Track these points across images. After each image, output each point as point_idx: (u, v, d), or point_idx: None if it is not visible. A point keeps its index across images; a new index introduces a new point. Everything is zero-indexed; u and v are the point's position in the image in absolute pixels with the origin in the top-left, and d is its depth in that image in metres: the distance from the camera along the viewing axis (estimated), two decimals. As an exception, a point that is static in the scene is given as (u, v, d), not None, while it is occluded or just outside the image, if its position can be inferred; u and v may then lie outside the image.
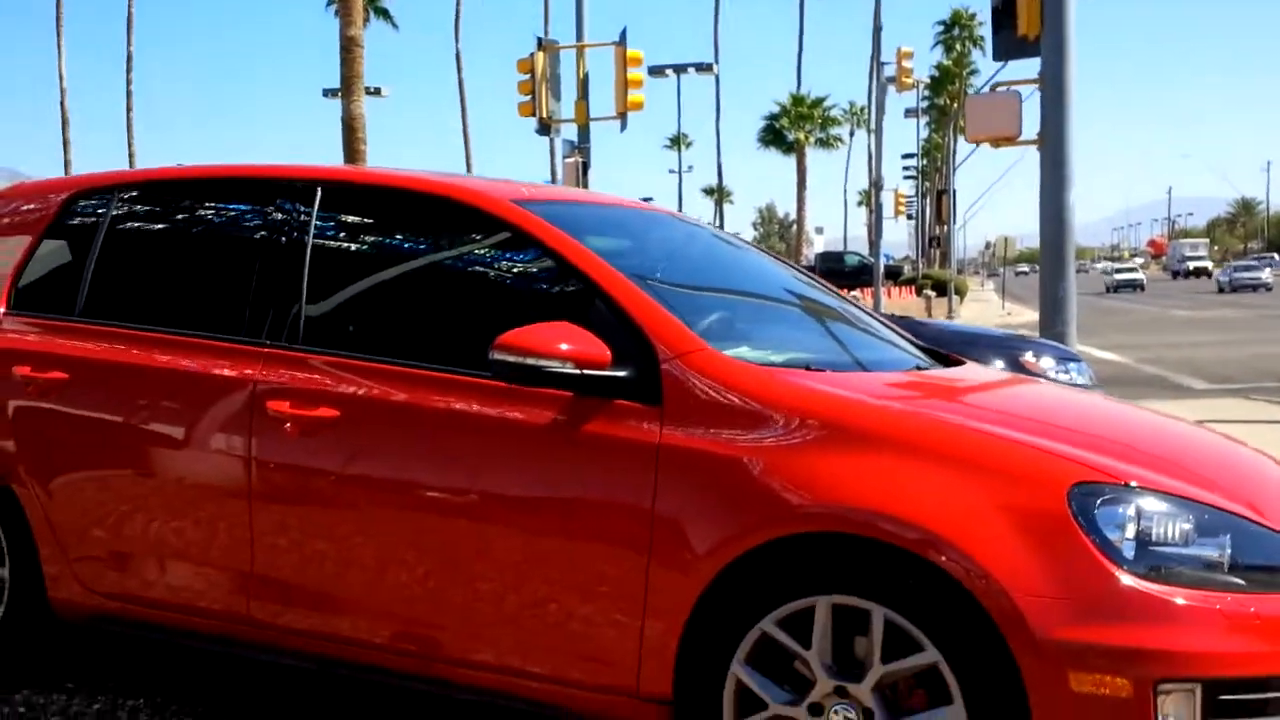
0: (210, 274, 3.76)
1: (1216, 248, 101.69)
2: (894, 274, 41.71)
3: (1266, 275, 54.73)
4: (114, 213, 3.88)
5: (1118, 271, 68.18)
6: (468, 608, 3.04)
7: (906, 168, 56.18)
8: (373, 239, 3.65)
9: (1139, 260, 75.75)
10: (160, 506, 3.48)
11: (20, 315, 3.87)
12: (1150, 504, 2.53)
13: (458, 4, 50.51)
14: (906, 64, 29.88)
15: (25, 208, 4.08)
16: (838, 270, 35.59)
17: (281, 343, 3.36)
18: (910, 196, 56.69)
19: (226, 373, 3.38)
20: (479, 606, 3.02)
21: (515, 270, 3.34)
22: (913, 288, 38.08)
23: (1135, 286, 61.29)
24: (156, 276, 3.89)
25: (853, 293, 19.66)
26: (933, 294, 36.21)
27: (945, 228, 40.49)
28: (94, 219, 3.90)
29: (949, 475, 2.60)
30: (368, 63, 16.89)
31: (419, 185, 3.52)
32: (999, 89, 11.15)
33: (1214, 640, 2.41)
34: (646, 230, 3.96)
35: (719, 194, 65.76)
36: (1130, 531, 2.49)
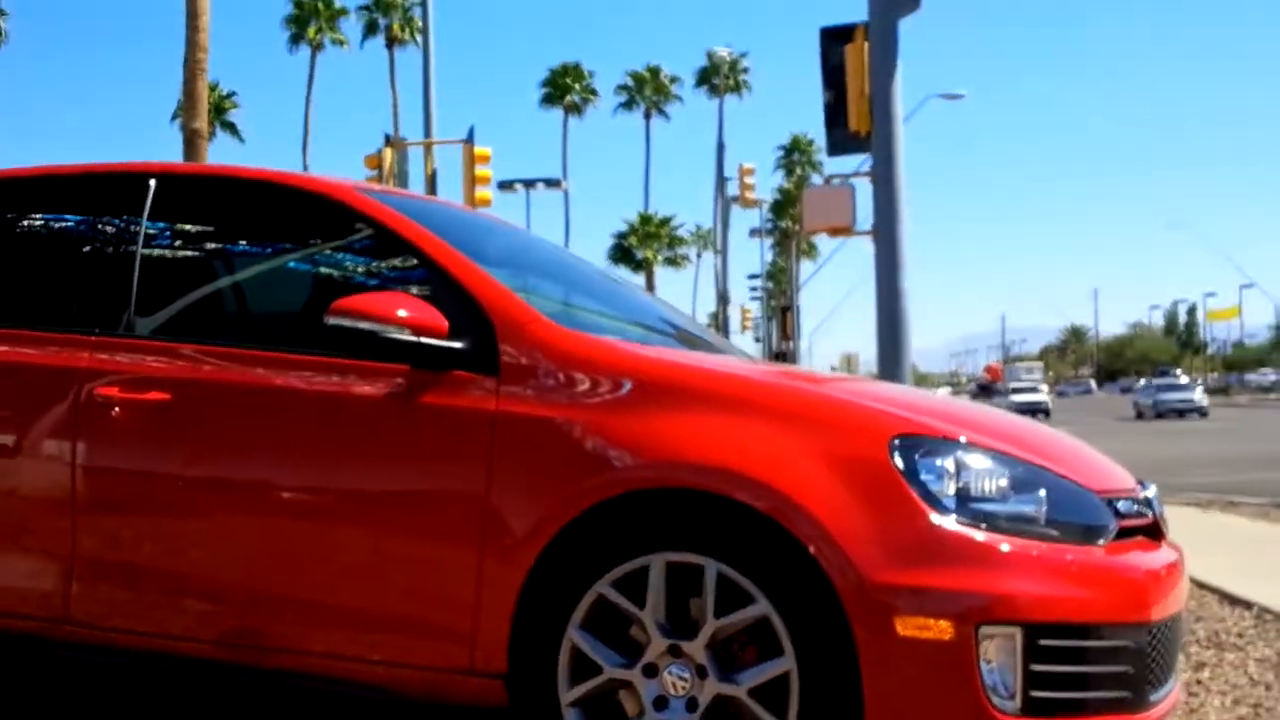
0: (40, 268, 3.66)
1: (1051, 373, 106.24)
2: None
3: (1199, 397, 43.05)
4: None
5: (1015, 393, 54.82)
6: (301, 593, 2.95)
7: (753, 287, 57.59)
8: (206, 228, 3.60)
9: (1035, 376, 72.62)
10: None
11: None
12: (970, 457, 2.62)
13: (306, 117, 50.53)
14: (749, 179, 30.93)
15: None
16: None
17: (113, 332, 3.27)
18: (756, 317, 58.04)
19: (52, 361, 3.27)
20: (313, 592, 2.94)
21: (351, 250, 3.33)
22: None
23: (1039, 411, 44.68)
24: None
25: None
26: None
27: (790, 343, 41.51)
28: None
29: (776, 428, 2.66)
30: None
31: (249, 174, 3.53)
32: (833, 181, 11.61)
33: (1033, 586, 2.49)
34: (477, 225, 4.02)
35: (569, 311, 66.22)
36: (950, 482, 2.57)
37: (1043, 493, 2.63)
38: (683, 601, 2.65)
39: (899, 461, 2.56)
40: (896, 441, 2.59)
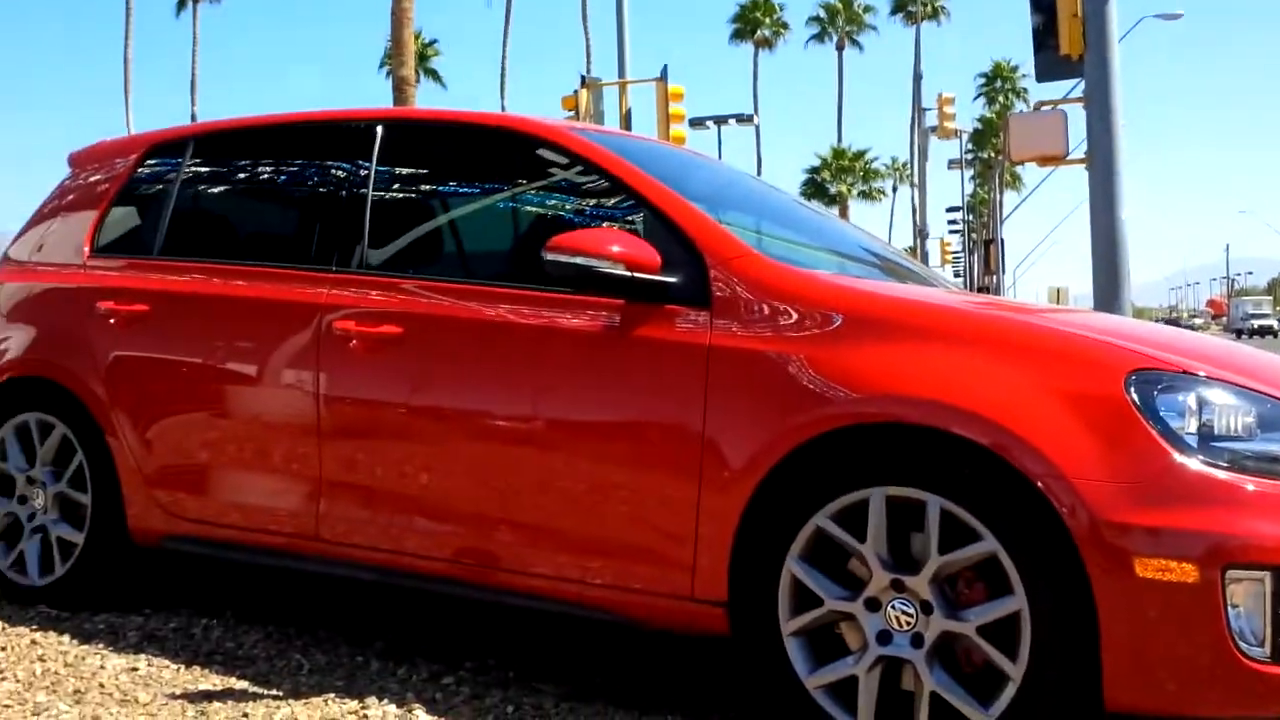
0: (279, 210, 3.98)
1: (1279, 306, 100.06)
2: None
3: None
4: (187, 161, 4.08)
5: (1253, 318, 66.05)
6: (526, 517, 3.05)
7: (952, 220, 55.99)
8: (429, 170, 3.78)
9: (1264, 311, 72.68)
10: (234, 429, 3.60)
11: (105, 257, 4.08)
12: (1211, 393, 2.49)
13: (503, 63, 51.34)
14: (948, 109, 29.96)
15: (107, 161, 4.30)
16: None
17: (348, 268, 3.47)
18: (956, 250, 56.54)
19: (295, 297, 3.49)
20: (536, 516, 3.04)
21: (564, 188, 3.42)
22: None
23: (1268, 332, 58.00)
24: (228, 216, 4.15)
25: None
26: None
27: (994, 278, 40.28)
28: (170, 168, 4.11)
29: (1006, 364, 2.58)
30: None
31: (470, 118, 3.70)
32: (1042, 108, 11.13)
33: None
34: (682, 160, 4.05)
35: (761, 248, 65.91)
36: (1191, 419, 2.45)
37: None
38: (903, 536, 2.62)
39: (1136, 397, 2.45)
40: (1133, 377, 2.48)
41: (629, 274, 2.90)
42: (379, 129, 3.65)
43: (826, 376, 2.69)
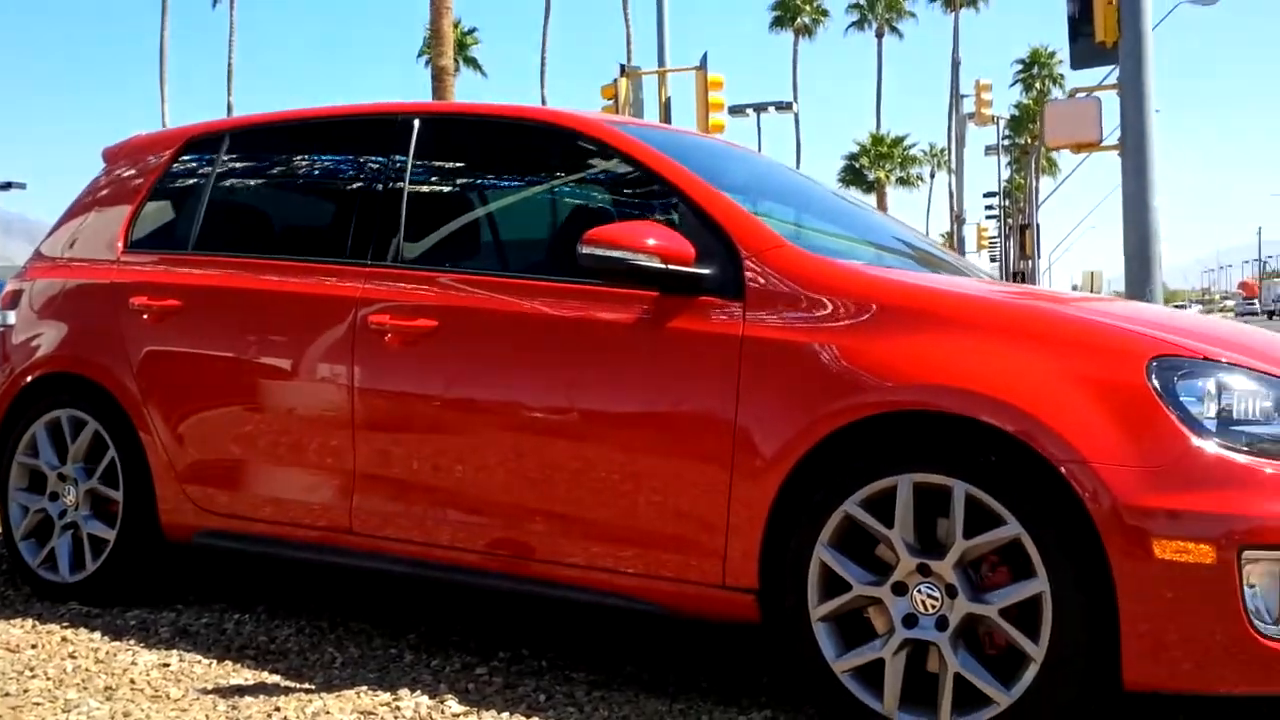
0: (314, 205, 4.01)
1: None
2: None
3: None
4: (222, 156, 4.12)
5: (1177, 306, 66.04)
6: (560, 508, 3.12)
7: (988, 206, 55.58)
8: (465, 164, 3.84)
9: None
10: (267, 423, 3.64)
11: (138, 252, 4.12)
12: (1231, 379, 2.55)
13: (543, 54, 51.40)
14: (985, 95, 29.76)
15: (142, 156, 4.35)
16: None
17: (384, 262, 3.53)
18: (993, 236, 56.12)
19: (330, 291, 3.55)
20: (570, 506, 3.10)
21: (600, 181, 3.50)
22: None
23: None
24: (263, 211, 4.16)
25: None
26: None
27: (1029, 262, 39.99)
28: (204, 162, 4.16)
29: (1026, 351, 2.65)
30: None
31: (506, 111, 3.73)
32: (1077, 95, 11.11)
33: None
34: (717, 152, 4.11)
35: (799, 235, 65.78)
36: (1211, 404, 2.51)
37: None
38: (930, 522, 2.69)
39: (1157, 383, 2.51)
40: (1154, 363, 2.54)
41: (663, 266, 2.96)
42: (415, 123, 3.70)
43: (859, 366, 2.75)
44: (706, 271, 3.00)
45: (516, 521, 3.20)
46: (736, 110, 32.43)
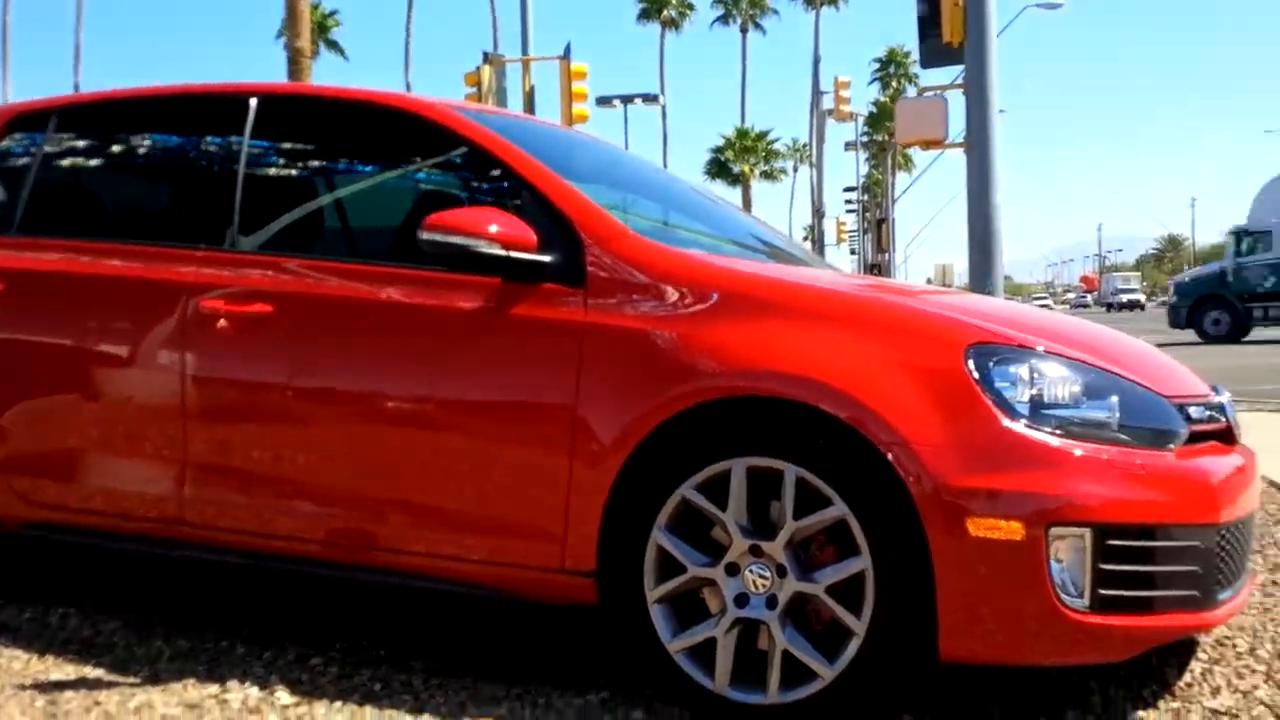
0: (146, 187, 3.91)
1: (1146, 283, 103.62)
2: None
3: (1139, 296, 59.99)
4: (51, 135, 3.98)
5: (1122, 292, 70.61)
6: (401, 495, 3.11)
7: (848, 200, 56.91)
8: (305, 147, 3.76)
9: (1132, 286, 77.89)
10: (96, 412, 3.54)
11: None
12: (1044, 365, 2.68)
13: (407, 40, 50.67)
14: (844, 93, 30.42)
15: None
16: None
17: (218, 246, 3.46)
18: (852, 230, 57.40)
19: (162, 276, 3.46)
20: (412, 494, 3.10)
21: (445, 167, 3.47)
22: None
23: (1135, 306, 64.49)
24: (93, 193, 4.04)
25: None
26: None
27: (885, 256, 41.05)
28: (30, 142, 4.01)
29: (856, 339, 2.74)
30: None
31: (347, 94, 3.67)
32: (926, 94, 11.46)
33: (1103, 488, 2.55)
34: (567, 141, 4.13)
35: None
36: (1024, 389, 2.64)
37: (1115, 399, 2.68)
38: (763, 504, 2.76)
39: (974, 369, 2.63)
40: (972, 350, 2.66)
41: (505, 253, 2.98)
42: (253, 103, 3.62)
43: (698, 352, 2.80)
44: (549, 259, 3.02)
45: (356, 510, 3.18)
46: (604, 101, 32.54)
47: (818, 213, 31.35)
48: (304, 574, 3.33)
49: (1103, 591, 2.54)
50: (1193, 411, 2.85)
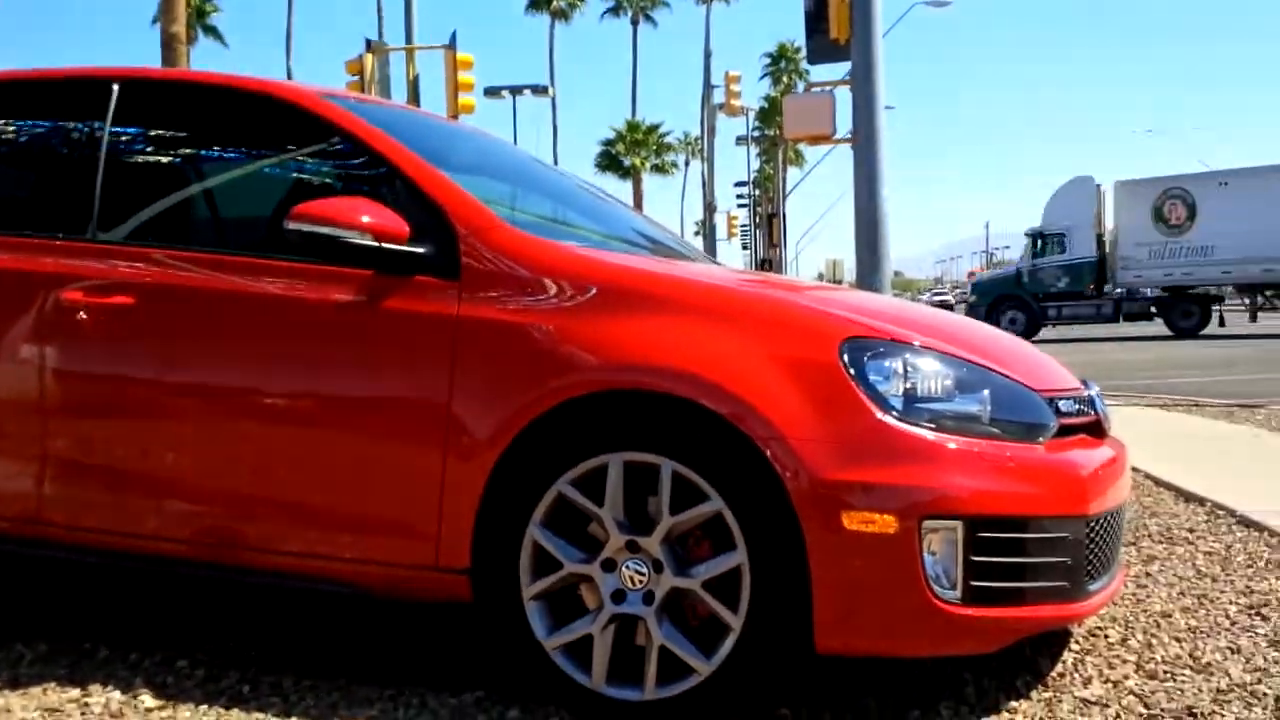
0: (5, 174, 3.72)
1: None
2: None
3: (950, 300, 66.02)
4: None
5: (935, 294, 76.46)
6: (272, 493, 3.02)
7: (739, 195, 57.35)
8: (172, 134, 3.64)
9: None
10: None
11: None
12: (917, 359, 2.70)
13: (288, 27, 49.71)
14: (735, 87, 30.62)
15: None
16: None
17: (78, 236, 3.32)
18: (744, 225, 57.91)
19: (18, 266, 3.32)
20: (283, 492, 3.01)
21: (316, 156, 3.37)
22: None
23: (946, 307, 67.48)
24: None
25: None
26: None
27: (776, 250, 41.49)
28: None
29: (733, 333, 2.72)
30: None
31: (215, 80, 3.54)
32: (815, 89, 11.57)
33: (974, 481, 2.57)
34: (445, 132, 4.05)
35: (556, 219, 66.14)
36: (897, 383, 2.65)
37: (987, 393, 2.71)
38: (640, 499, 2.74)
39: (848, 363, 2.63)
40: (846, 344, 2.66)
41: (377, 244, 2.90)
42: (114, 88, 3.49)
43: (570, 346, 2.77)
44: (422, 250, 2.95)
45: (225, 508, 3.08)
46: (492, 92, 32.30)
47: (709, 207, 31.53)
48: (173, 574, 3.22)
49: (975, 583, 2.56)
50: (1063, 405, 2.90)
